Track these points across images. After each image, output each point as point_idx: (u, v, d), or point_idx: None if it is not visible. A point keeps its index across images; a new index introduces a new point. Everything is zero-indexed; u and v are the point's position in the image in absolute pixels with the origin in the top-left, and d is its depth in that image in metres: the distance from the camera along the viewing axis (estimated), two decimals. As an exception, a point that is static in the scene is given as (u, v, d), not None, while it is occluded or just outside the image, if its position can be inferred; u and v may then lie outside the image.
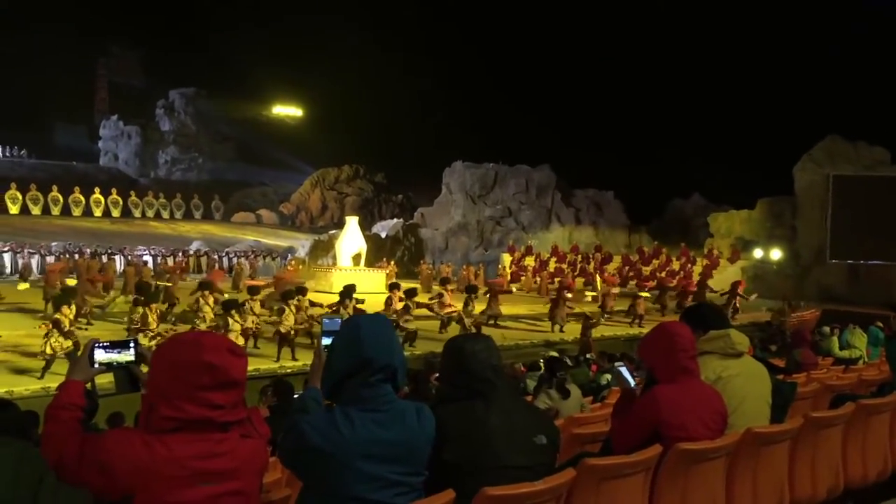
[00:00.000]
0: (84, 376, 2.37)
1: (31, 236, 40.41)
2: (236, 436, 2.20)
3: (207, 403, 2.13)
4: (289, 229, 62.21)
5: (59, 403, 2.28)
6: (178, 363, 2.14)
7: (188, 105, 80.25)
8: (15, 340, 15.67)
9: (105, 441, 2.09)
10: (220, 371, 2.14)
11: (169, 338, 2.30)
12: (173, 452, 2.08)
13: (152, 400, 2.15)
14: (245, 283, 24.06)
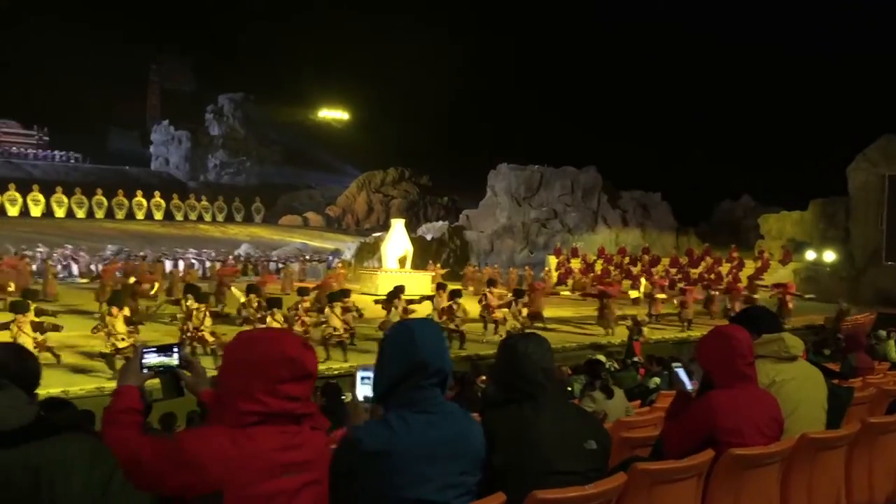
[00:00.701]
0: (137, 381, 2.41)
1: (86, 239, 41.37)
2: (308, 428, 2.25)
3: (286, 396, 2.17)
4: (335, 232, 62.76)
5: (119, 408, 2.32)
6: (258, 358, 2.18)
7: (237, 110, 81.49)
8: (70, 341, 16.05)
9: (190, 440, 2.14)
10: (298, 364, 2.20)
11: (240, 336, 2.33)
12: (258, 445, 2.12)
13: (226, 397, 2.18)
14: (294, 285, 24.35)
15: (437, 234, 46.22)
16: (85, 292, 23.03)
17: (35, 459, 1.90)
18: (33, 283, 22.26)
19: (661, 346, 19.61)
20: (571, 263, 38.25)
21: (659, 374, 10.98)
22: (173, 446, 2.13)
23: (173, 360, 2.47)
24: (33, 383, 2.24)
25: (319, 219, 68.12)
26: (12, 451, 1.89)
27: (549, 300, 28.91)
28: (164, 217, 59.08)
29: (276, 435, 2.16)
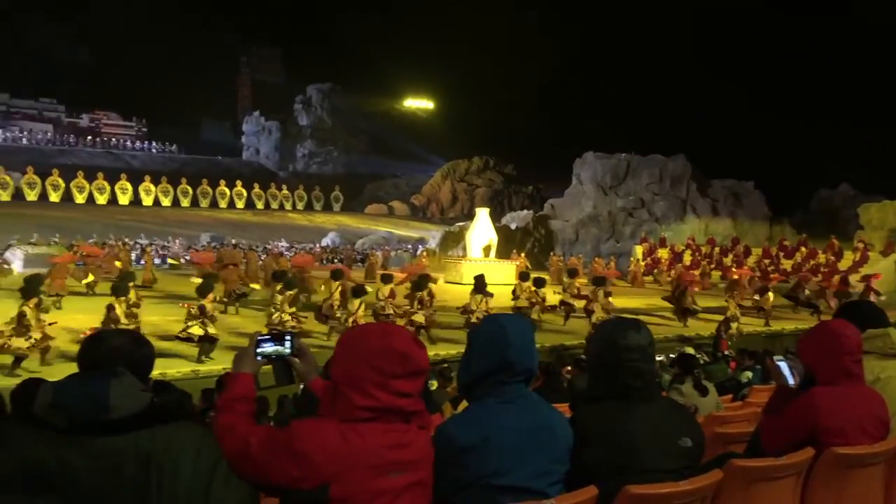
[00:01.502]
0: (252, 368, 2.40)
1: (181, 227, 42.85)
2: (416, 427, 2.24)
3: (397, 391, 2.16)
4: (420, 220, 63.22)
5: (233, 395, 2.32)
6: (371, 351, 2.17)
7: (324, 100, 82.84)
8: (166, 326, 16.64)
9: (300, 431, 2.12)
10: (410, 359, 2.18)
11: (353, 329, 2.33)
12: (367, 442, 2.11)
13: (341, 388, 2.18)
14: (378, 273, 24.66)
15: (521, 223, 46.01)
16: (181, 278, 23.84)
17: (146, 446, 1.95)
18: (132, 269, 23.18)
19: (753, 339, 19.03)
20: (658, 253, 37.50)
21: (751, 368, 10.66)
22: (285, 437, 2.12)
23: (286, 349, 2.47)
24: (147, 370, 2.27)
25: (404, 207, 68.70)
26: (125, 437, 1.94)
27: (636, 291, 28.53)
28: (254, 206, 60.71)
29: (384, 433, 2.15)
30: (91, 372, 2.06)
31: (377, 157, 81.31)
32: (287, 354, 2.48)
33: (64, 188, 53.80)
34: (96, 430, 1.93)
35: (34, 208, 47.71)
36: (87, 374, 2.06)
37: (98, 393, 1.96)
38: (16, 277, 20.84)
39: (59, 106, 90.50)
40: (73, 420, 1.92)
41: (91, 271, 20.89)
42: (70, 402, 1.94)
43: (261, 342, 2.45)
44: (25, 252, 24.86)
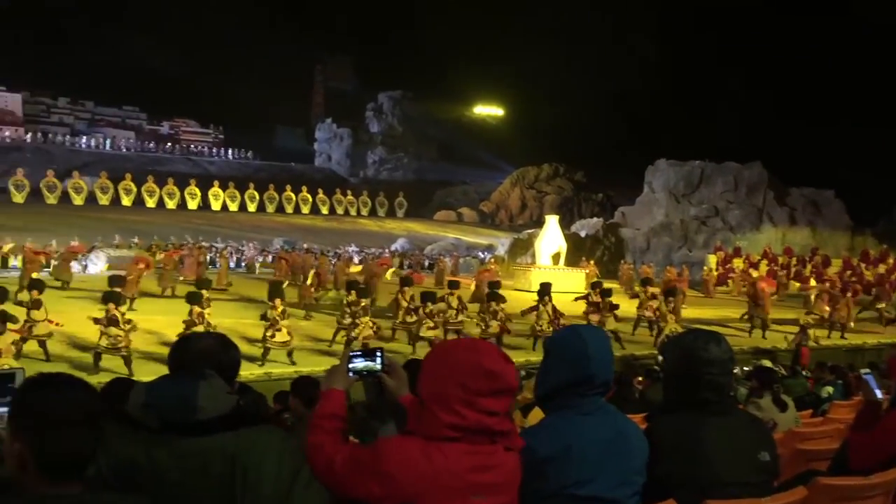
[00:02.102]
0: (343, 385, 2.40)
1: (255, 232, 43.77)
2: (502, 448, 2.17)
3: (484, 410, 2.10)
4: (488, 227, 63.18)
5: (324, 413, 2.30)
6: (458, 368, 2.12)
7: (395, 107, 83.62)
8: (241, 329, 17.02)
9: (384, 450, 2.09)
10: (499, 377, 2.12)
11: (441, 344, 2.29)
12: (450, 463, 2.06)
13: (428, 403, 2.13)
14: (447, 279, 24.74)
15: (591, 230, 45.54)
16: (255, 282, 24.38)
17: (231, 448, 2.00)
18: (208, 272, 23.78)
19: (833, 352, 18.42)
20: (733, 263, 36.61)
21: (832, 383, 10.29)
22: (370, 454, 2.10)
23: (377, 365, 2.44)
24: (234, 373, 2.29)
25: (473, 214, 68.77)
26: (212, 438, 1.99)
27: (708, 301, 27.94)
28: (326, 211, 61.64)
29: (469, 454, 2.09)
30: (181, 374, 2.11)
31: (447, 163, 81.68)
32: (378, 370, 2.44)
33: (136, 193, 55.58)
34: (185, 431, 1.98)
35: (114, 212, 49.43)
36: (177, 375, 2.12)
37: (187, 395, 2.01)
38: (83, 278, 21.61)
39: (141, 114, 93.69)
40: (164, 420, 1.97)
41: (167, 274, 21.50)
42: (161, 402, 1.99)
43: (352, 358, 2.42)
44: (108, 254, 25.75)
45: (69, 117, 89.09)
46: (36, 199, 51.26)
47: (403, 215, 65.08)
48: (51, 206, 50.14)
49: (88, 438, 1.67)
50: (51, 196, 52.13)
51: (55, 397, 1.65)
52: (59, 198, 52.20)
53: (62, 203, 51.30)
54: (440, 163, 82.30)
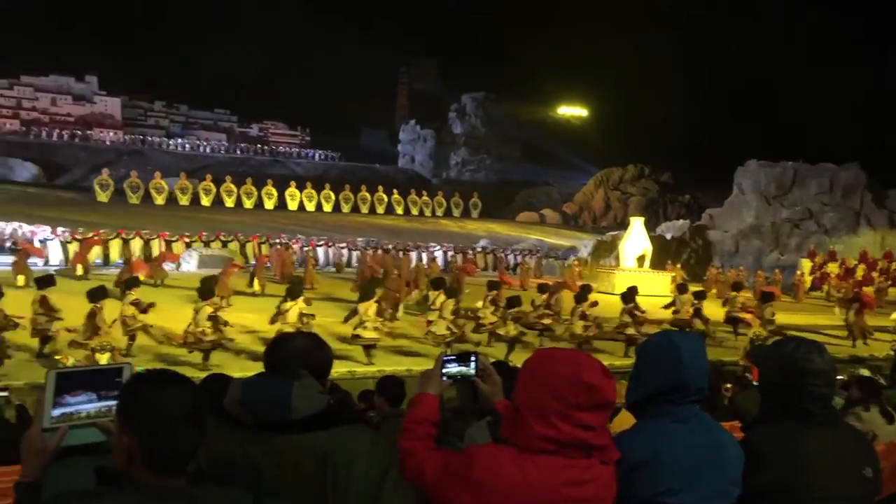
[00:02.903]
0: (437, 390, 2.39)
1: (339, 232, 44.44)
2: (598, 462, 2.13)
3: (581, 424, 2.06)
4: (571, 229, 62.60)
5: (417, 418, 2.31)
6: (556, 379, 2.08)
7: (479, 108, 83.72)
8: (327, 327, 17.33)
9: (477, 459, 2.07)
10: (598, 392, 2.08)
11: (542, 352, 2.25)
12: (544, 476, 2.03)
13: (523, 413, 2.10)
14: (531, 281, 24.65)
15: (677, 233, 44.59)
16: (340, 281, 24.79)
17: (323, 446, 2.03)
18: (295, 271, 24.29)
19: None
20: (828, 268, 35.30)
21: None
22: (461, 463, 2.08)
23: (471, 370, 2.43)
24: (326, 372, 2.32)
25: (556, 216, 68.26)
26: (304, 436, 2.03)
27: (799, 307, 27.01)
28: (408, 212, 62.18)
29: (564, 468, 2.05)
30: (276, 373, 2.16)
31: (530, 164, 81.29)
32: (472, 375, 2.43)
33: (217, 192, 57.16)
34: (280, 429, 2.03)
35: (207, 212, 50.99)
36: (272, 375, 2.16)
37: (281, 394, 2.05)
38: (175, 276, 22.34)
39: (232, 116, 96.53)
40: (258, 418, 2.03)
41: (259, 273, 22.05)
42: (256, 400, 2.05)
43: (446, 362, 2.42)
44: (200, 254, 26.58)
45: (164, 120, 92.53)
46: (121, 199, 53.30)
47: (478, 216, 65.09)
48: (149, 206, 52.11)
49: (192, 434, 1.73)
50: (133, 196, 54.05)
51: (161, 393, 1.71)
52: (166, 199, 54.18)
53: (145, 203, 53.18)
54: (523, 164, 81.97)
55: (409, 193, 63.73)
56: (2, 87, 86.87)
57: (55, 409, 1.82)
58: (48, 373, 1.85)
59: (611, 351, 17.19)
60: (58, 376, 1.84)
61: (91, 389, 1.86)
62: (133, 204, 51.95)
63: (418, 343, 17.09)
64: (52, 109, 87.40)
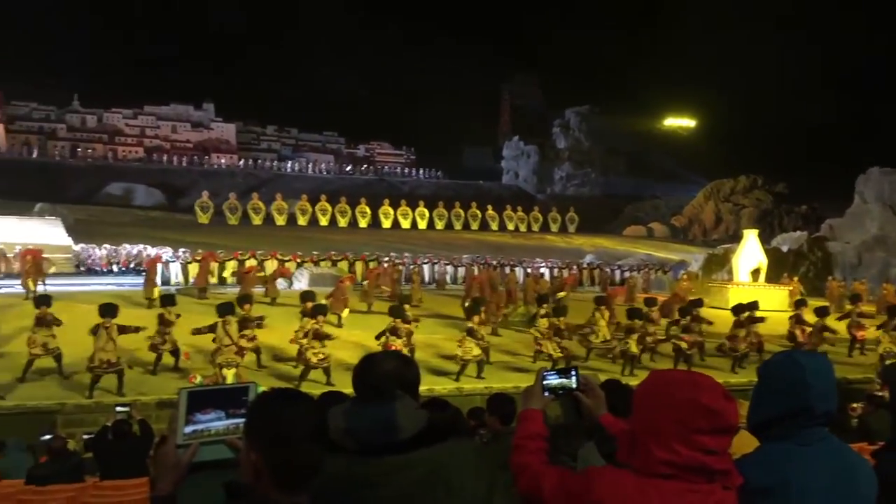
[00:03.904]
0: (540, 404, 2.39)
1: (445, 249, 44.80)
2: (720, 487, 2.06)
3: (702, 448, 2.00)
4: (681, 242, 61.10)
5: (527, 433, 2.30)
6: (675, 402, 2.02)
7: (582, 122, 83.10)
8: (433, 343, 17.49)
9: (598, 480, 2.03)
10: (718, 416, 2.01)
11: (657, 374, 2.19)
12: (665, 500, 1.98)
13: (641, 437, 2.05)
14: (639, 296, 24.20)
15: (794, 245, 42.76)
16: (446, 298, 24.96)
17: (430, 462, 2.04)
18: (402, 289, 24.61)
19: None
20: (960, 280, 33.07)
21: None
22: (581, 484, 2.05)
23: (572, 383, 2.42)
24: (416, 389, 2.32)
25: (664, 229, 66.79)
26: (411, 455, 2.04)
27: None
28: (514, 228, 62.14)
29: (685, 493, 1.99)
30: (374, 397, 2.17)
31: (636, 178, 79.96)
32: (573, 388, 2.43)
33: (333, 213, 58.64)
34: (387, 450, 2.05)
35: (316, 232, 52.41)
36: (370, 398, 2.18)
37: (388, 417, 2.07)
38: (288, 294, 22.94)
39: (339, 138, 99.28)
40: (363, 443, 2.05)
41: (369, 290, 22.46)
42: (362, 426, 2.07)
43: (546, 376, 2.42)
44: (311, 272, 27.29)
45: (276, 144, 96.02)
46: (247, 221, 55.38)
47: (574, 230, 64.42)
48: (257, 226, 54.00)
49: (315, 451, 1.78)
50: (256, 217, 56.12)
51: (287, 412, 1.77)
52: (263, 219, 56.12)
53: (267, 224, 55.09)
54: (628, 177, 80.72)
55: (514, 209, 63.77)
56: (127, 118, 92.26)
57: (187, 427, 1.91)
58: (180, 391, 1.94)
59: (718, 367, 16.66)
60: (189, 395, 1.93)
61: (219, 407, 1.94)
62: (256, 225, 54.08)
63: (524, 359, 17.03)
64: (172, 136, 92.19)
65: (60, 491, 6.59)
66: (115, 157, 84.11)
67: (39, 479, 7.34)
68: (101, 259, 31.20)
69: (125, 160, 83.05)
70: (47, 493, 6.54)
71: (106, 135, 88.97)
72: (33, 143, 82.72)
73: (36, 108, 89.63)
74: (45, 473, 7.56)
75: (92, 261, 31.14)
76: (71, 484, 7.11)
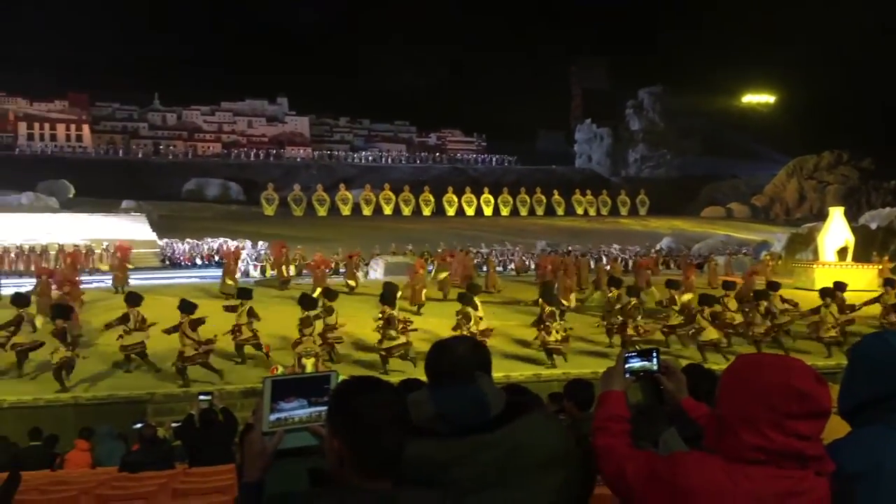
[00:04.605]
0: (622, 386, 2.36)
1: (519, 235, 44.69)
2: (812, 473, 2.00)
3: (794, 433, 1.95)
4: (762, 222, 59.51)
5: (608, 415, 2.28)
6: (766, 387, 1.97)
7: (656, 103, 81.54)
8: (509, 331, 17.48)
9: (685, 465, 1.99)
10: (812, 400, 1.96)
11: (746, 358, 2.13)
12: (756, 486, 1.93)
13: (730, 422, 2.00)
14: (718, 279, 23.67)
15: (883, 222, 41.04)
16: (521, 285, 24.88)
17: (514, 438, 2.06)
18: (477, 276, 24.64)
19: None
20: None
21: None
22: (667, 469, 2.02)
23: (653, 365, 2.40)
24: (490, 370, 2.32)
25: (744, 209, 65.12)
26: (496, 433, 2.06)
27: None
28: (583, 213, 61.59)
29: (777, 479, 1.94)
30: (454, 380, 2.19)
31: (713, 157, 78.10)
32: (654, 371, 2.40)
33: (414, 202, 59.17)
34: (472, 430, 2.07)
35: (390, 221, 52.94)
36: (452, 381, 2.19)
37: (477, 396, 2.10)
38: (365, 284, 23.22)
39: (410, 127, 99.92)
40: (456, 425, 2.07)
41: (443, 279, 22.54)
42: (455, 409, 2.09)
43: (628, 358, 2.39)
44: (386, 261, 27.58)
45: (349, 135, 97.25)
46: (313, 212, 56.28)
47: (645, 213, 63.31)
48: (329, 217, 54.88)
49: (397, 438, 1.80)
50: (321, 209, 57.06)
51: (369, 400, 1.80)
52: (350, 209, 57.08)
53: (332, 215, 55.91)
54: (705, 157, 78.88)
55: (588, 193, 63.17)
56: (205, 114, 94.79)
57: (271, 415, 1.95)
58: (264, 380, 1.99)
59: (814, 351, 16.16)
60: (273, 383, 1.97)
61: (302, 396, 1.97)
62: (321, 216, 54.90)
63: (600, 344, 16.89)
64: (248, 131, 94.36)
65: (153, 477, 6.84)
66: (194, 153, 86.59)
67: (132, 466, 7.65)
68: (184, 253, 32.19)
69: (204, 156, 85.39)
70: (141, 480, 6.79)
71: (185, 132, 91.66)
72: (118, 142, 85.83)
73: (119, 109, 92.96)
74: (137, 460, 7.86)
75: (175, 254, 32.13)
76: (162, 471, 7.39)
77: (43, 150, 79.28)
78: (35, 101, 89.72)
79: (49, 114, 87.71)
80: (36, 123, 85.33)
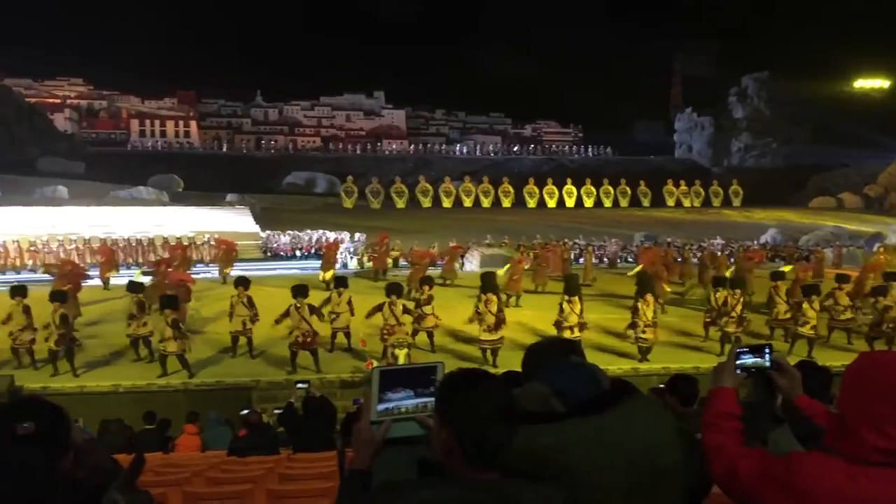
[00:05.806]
0: (732, 382, 2.31)
1: (617, 227, 43.97)
2: None
3: None
4: (875, 213, 56.75)
5: (719, 412, 2.24)
6: (889, 386, 1.91)
7: (761, 90, 78.61)
8: (605, 324, 17.27)
9: (802, 466, 1.95)
10: None
11: (868, 356, 2.07)
12: (879, 488, 1.87)
13: (852, 423, 1.95)
14: (828, 271, 22.76)
15: None
16: (618, 278, 24.52)
17: (623, 420, 2.06)
18: (573, 268, 24.40)
19: None
20: None
21: None
22: (783, 469, 1.97)
23: (765, 362, 2.34)
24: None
25: (856, 199, 62.28)
26: (602, 416, 2.05)
27: None
28: (688, 203, 60.15)
29: None
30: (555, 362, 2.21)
31: (822, 146, 74.67)
32: (767, 368, 2.34)
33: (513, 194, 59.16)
34: (584, 412, 2.06)
35: (486, 213, 52.99)
36: (556, 364, 2.21)
37: (589, 370, 2.17)
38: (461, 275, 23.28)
39: (506, 119, 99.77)
40: (573, 402, 2.07)
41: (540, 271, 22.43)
42: (571, 385, 2.10)
43: (740, 354, 2.34)
44: (482, 253, 27.63)
45: (444, 127, 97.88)
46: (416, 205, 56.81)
47: (739, 204, 61.25)
48: (421, 209, 55.37)
49: (504, 429, 1.82)
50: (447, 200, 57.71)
51: (476, 392, 1.82)
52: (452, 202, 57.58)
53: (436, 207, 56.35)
54: (814, 145, 75.53)
55: (689, 184, 61.78)
56: (305, 109, 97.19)
57: (379, 405, 1.99)
58: (373, 370, 2.03)
59: (931, 349, 15.33)
60: (381, 373, 2.01)
61: (409, 386, 2.00)
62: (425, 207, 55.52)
63: (699, 339, 16.52)
64: (346, 125, 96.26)
65: (260, 462, 7.09)
66: (294, 147, 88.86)
67: (240, 451, 7.95)
68: (285, 245, 33.05)
69: (304, 150, 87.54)
70: (249, 464, 7.06)
71: (286, 126, 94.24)
72: (223, 137, 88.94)
73: (224, 105, 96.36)
74: (245, 445, 8.16)
75: (277, 246, 33.05)
76: (268, 456, 7.65)
77: (154, 146, 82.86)
78: (146, 100, 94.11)
79: (159, 111, 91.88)
80: (147, 121, 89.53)
